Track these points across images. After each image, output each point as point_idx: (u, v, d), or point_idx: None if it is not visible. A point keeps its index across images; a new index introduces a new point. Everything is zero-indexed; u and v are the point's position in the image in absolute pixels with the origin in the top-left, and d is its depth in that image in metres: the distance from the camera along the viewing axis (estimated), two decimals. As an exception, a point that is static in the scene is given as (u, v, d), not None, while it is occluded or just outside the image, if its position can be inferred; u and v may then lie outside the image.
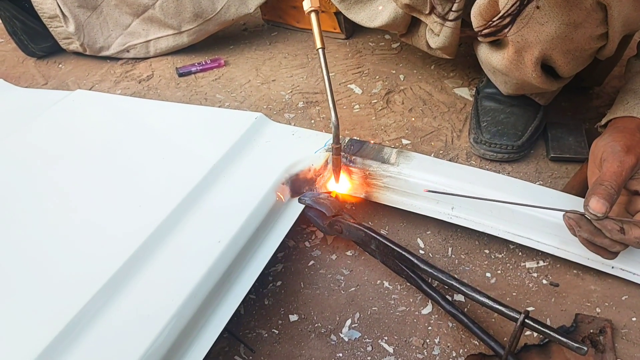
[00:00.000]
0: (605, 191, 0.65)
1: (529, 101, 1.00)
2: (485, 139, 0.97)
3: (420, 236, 0.86)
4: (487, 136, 0.97)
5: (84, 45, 1.36)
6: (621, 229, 0.64)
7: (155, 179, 0.82)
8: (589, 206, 0.64)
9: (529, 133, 0.97)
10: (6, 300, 0.65)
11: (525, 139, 0.96)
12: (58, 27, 1.34)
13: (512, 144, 0.96)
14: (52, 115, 0.99)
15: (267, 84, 1.26)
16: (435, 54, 1.10)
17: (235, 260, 0.71)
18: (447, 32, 0.95)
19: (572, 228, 0.68)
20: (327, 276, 0.81)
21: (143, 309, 0.64)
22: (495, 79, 0.97)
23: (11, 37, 1.38)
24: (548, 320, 0.73)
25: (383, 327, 0.74)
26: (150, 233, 0.71)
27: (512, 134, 0.96)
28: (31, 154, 0.90)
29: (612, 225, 0.65)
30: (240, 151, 0.86)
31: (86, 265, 0.69)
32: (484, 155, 0.98)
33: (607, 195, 0.64)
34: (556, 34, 0.75)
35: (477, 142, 0.99)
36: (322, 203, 0.80)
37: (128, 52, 1.38)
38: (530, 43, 0.78)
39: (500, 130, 0.97)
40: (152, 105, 1.03)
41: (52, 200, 0.80)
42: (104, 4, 1.32)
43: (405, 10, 1.00)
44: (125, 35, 1.35)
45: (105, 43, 1.36)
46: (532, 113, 1.00)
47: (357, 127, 1.10)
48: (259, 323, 0.75)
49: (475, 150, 1.00)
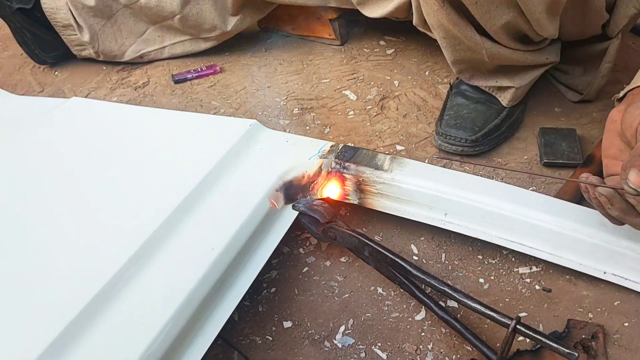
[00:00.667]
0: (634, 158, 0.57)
1: (495, 101, 1.04)
2: (443, 130, 1.01)
3: (414, 242, 0.86)
4: (445, 128, 1.01)
5: (97, 52, 1.37)
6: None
7: (150, 186, 0.82)
8: (628, 179, 0.57)
9: (486, 130, 1.00)
10: (3, 304, 0.66)
11: (480, 134, 0.99)
12: (72, 35, 1.34)
13: (467, 137, 0.99)
14: (48, 123, 0.99)
15: (262, 91, 1.27)
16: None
17: (229, 267, 0.71)
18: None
19: (601, 206, 0.63)
20: (321, 283, 0.81)
21: (137, 315, 0.64)
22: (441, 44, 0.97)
23: (21, 46, 1.37)
24: (541, 325, 0.73)
25: (376, 333, 0.74)
26: (144, 240, 0.71)
27: (469, 128, 1.00)
28: (27, 162, 0.90)
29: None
30: (234, 158, 0.86)
31: (81, 272, 0.69)
32: (440, 146, 1.02)
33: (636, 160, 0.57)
34: None
35: (437, 133, 1.03)
36: (316, 210, 0.80)
37: (142, 57, 1.38)
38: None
39: (458, 124, 1.01)
40: (147, 112, 1.03)
41: (47, 208, 0.80)
42: (119, 13, 1.32)
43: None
44: (140, 43, 1.36)
45: (119, 51, 1.36)
46: (494, 112, 1.03)
47: (351, 133, 1.10)
48: (253, 330, 0.76)
49: (434, 142, 1.04)
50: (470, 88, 1.06)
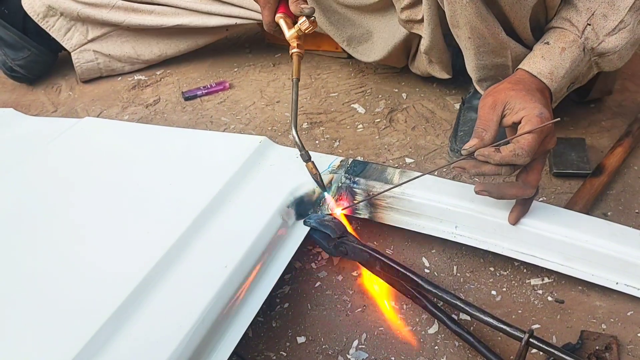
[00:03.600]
0: (474, 131, 0.73)
1: None
2: (458, 147, 1.02)
3: (425, 255, 0.87)
4: (460, 145, 1.01)
5: (86, 29, 1.38)
6: (497, 149, 0.70)
7: (163, 205, 0.83)
8: (462, 148, 0.73)
9: None
10: (18, 326, 0.67)
11: None
12: (55, 22, 1.36)
13: None
14: (61, 144, 1.01)
15: (271, 106, 1.28)
16: (435, 73, 1.13)
17: (242, 284, 0.72)
18: (428, 29, 1.00)
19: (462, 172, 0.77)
20: (334, 297, 0.82)
21: (152, 335, 0.65)
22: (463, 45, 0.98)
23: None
24: (554, 337, 0.73)
25: (390, 347, 0.74)
26: (158, 259, 0.72)
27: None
28: (42, 183, 0.92)
29: (488, 149, 0.70)
30: (245, 175, 0.87)
31: (95, 292, 0.70)
32: None
33: (475, 133, 0.72)
34: None
35: (451, 149, 1.04)
36: (327, 225, 0.81)
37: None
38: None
39: None
40: (159, 131, 1.05)
41: (61, 227, 0.82)
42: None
43: (406, 26, 1.06)
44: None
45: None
46: None
47: (360, 146, 1.11)
48: (267, 345, 0.76)
49: (448, 158, 1.05)
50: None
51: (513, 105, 0.73)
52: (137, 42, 1.41)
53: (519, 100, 0.73)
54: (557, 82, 0.82)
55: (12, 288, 0.73)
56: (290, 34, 0.92)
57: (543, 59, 0.82)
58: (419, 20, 1.02)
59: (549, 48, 0.83)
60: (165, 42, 1.42)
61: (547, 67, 0.82)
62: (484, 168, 0.72)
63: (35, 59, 1.40)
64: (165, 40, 1.42)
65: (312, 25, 0.91)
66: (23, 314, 0.69)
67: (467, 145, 0.72)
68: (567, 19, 0.84)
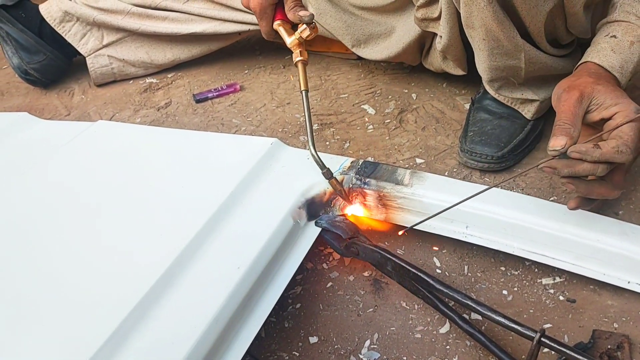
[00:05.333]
0: (559, 128, 0.69)
1: (518, 115, 1.04)
2: (468, 147, 1.01)
3: (436, 255, 0.87)
4: (471, 145, 1.01)
5: (101, 34, 1.40)
6: (595, 145, 0.66)
7: (175, 207, 0.84)
8: (548, 146, 0.69)
9: (511, 145, 1.00)
10: (32, 331, 0.68)
11: (506, 151, 1.00)
12: (71, 27, 1.39)
13: (493, 154, 0.99)
14: (75, 147, 1.02)
15: (282, 107, 1.29)
16: (449, 69, 1.13)
17: (255, 285, 0.73)
18: (446, 27, 1.00)
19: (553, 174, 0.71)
20: (345, 297, 0.83)
21: (167, 335, 0.66)
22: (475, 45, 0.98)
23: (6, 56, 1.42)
24: (566, 337, 0.74)
25: (402, 347, 0.75)
26: (171, 261, 0.73)
27: (495, 145, 1.00)
28: (56, 186, 0.93)
29: (585, 145, 0.66)
30: (257, 177, 0.88)
31: (110, 294, 0.71)
32: (466, 163, 1.02)
33: (562, 130, 0.68)
34: None
35: (462, 150, 1.03)
36: (338, 226, 0.81)
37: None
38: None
39: (483, 140, 1.01)
40: (171, 134, 1.06)
41: (75, 230, 0.83)
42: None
43: (421, 25, 1.07)
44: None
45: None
46: (519, 127, 1.03)
47: (371, 147, 1.12)
48: (280, 346, 0.77)
49: (459, 158, 1.04)
50: (493, 102, 1.06)
51: (602, 100, 0.71)
52: (151, 48, 1.43)
53: (610, 96, 0.71)
54: (626, 76, 0.80)
55: (29, 290, 0.74)
56: (291, 41, 0.91)
57: (613, 52, 0.80)
58: (435, 18, 1.03)
59: (618, 41, 0.81)
60: (178, 48, 1.44)
61: (618, 60, 0.80)
62: (579, 167, 0.68)
63: (50, 62, 1.42)
64: (178, 45, 1.44)
65: (313, 32, 0.89)
66: (43, 315, 0.70)
67: (555, 143, 0.68)
68: (633, 12, 0.82)
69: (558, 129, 0.69)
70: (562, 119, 0.70)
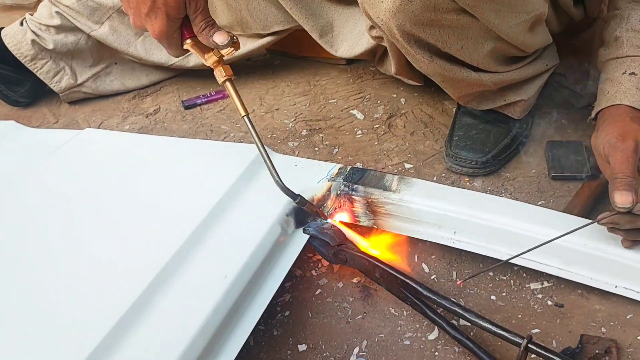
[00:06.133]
0: (622, 182, 0.68)
1: (503, 119, 1.04)
2: (453, 152, 1.02)
3: (424, 261, 0.87)
4: (455, 150, 1.02)
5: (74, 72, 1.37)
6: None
7: (162, 215, 0.84)
8: (615, 202, 0.68)
9: (496, 150, 1.01)
10: (21, 339, 0.67)
11: (491, 155, 1.00)
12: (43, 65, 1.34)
13: (477, 159, 1.00)
14: (62, 155, 1.02)
15: (270, 113, 1.29)
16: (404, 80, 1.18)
17: (243, 293, 0.73)
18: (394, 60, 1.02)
19: (614, 230, 0.72)
20: (334, 304, 0.82)
21: (154, 345, 0.65)
22: None
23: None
24: (554, 341, 0.74)
25: (390, 354, 0.75)
26: (158, 270, 0.72)
27: (479, 150, 1.01)
28: (43, 194, 0.92)
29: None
30: (244, 184, 0.88)
31: (96, 303, 0.71)
32: (451, 167, 1.02)
33: (626, 185, 0.68)
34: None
35: (447, 155, 1.04)
36: (326, 233, 0.81)
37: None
38: None
39: (468, 145, 1.02)
40: (158, 141, 1.05)
41: (62, 239, 0.82)
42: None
43: (374, 40, 1.07)
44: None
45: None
46: (504, 131, 1.04)
47: (359, 153, 1.12)
48: (269, 354, 0.77)
49: (444, 163, 1.04)
50: None
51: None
52: (125, 78, 1.43)
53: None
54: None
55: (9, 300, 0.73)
56: (210, 61, 0.77)
57: (639, 90, 0.80)
58: None
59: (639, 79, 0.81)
60: (154, 74, 1.44)
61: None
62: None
63: (35, 85, 1.39)
64: (153, 71, 1.44)
65: (234, 48, 0.75)
66: (30, 324, 0.69)
67: (624, 200, 0.67)
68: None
69: (620, 183, 0.68)
70: (623, 172, 0.69)
